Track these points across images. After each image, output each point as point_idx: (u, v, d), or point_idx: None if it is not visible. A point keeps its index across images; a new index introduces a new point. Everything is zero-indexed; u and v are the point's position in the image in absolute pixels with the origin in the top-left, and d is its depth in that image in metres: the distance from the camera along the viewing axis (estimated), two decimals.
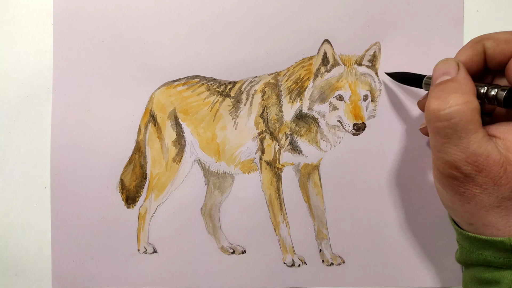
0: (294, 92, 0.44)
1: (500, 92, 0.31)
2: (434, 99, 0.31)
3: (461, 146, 0.30)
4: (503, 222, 0.30)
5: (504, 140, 0.31)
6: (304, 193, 0.45)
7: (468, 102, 0.30)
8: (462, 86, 0.31)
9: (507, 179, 0.30)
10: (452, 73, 0.32)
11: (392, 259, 0.44)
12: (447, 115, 0.30)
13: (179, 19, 0.44)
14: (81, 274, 0.45)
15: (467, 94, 0.30)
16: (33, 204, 0.46)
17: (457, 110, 0.30)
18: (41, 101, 0.45)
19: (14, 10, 0.45)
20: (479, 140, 0.30)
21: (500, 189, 0.30)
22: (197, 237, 0.45)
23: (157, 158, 0.46)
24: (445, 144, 0.31)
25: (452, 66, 0.33)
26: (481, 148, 0.30)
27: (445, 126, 0.30)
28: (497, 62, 0.33)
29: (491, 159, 0.29)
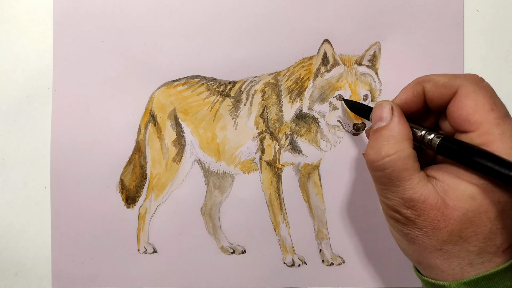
0: (294, 92, 0.44)
1: (435, 139, 0.32)
2: (369, 149, 0.32)
3: (398, 193, 0.31)
4: (446, 264, 0.31)
5: (442, 182, 0.31)
6: (304, 193, 0.45)
7: (399, 151, 0.31)
8: (394, 134, 0.32)
9: (444, 223, 0.30)
10: (386, 119, 0.33)
11: (392, 259, 0.44)
12: (380, 166, 0.31)
13: (179, 19, 0.44)
14: (81, 274, 0.45)
15: (399, 142, 0.31)
16: (33, 204, 0.46)
17: (389, 161, 0.31)
18: (41, 101, 0.45)
19: (14, 10, 0.45)
20: (414, 186, 0.30)
21: (439, 232, 0.30)
22: (197, 237, 0.45)
23: (157, 158, 0.46)
24: (384, 190, 0.32)
25: (386, 111, 0.33)
26: (417, 193, 0.30)
27: (381, 176, 0.32)
28: (437, 104, 0.33)
29: (427, 204, 0.30)
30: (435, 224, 0.30)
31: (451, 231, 0.30)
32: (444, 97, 0.32)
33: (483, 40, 0.44)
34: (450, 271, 0.31)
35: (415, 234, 0.31)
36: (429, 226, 0.30)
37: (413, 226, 0.31)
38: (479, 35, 0.44)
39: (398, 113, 0.33)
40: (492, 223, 0.29)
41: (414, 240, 0.31)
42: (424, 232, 0.31)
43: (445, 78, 0.33)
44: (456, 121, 0.31)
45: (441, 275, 0.31)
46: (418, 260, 0.33)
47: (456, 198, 0.30)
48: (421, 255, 0.32)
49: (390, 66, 0.44)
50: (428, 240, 0.31)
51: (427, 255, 0.31)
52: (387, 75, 0.44)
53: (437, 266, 0.31)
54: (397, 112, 0.33)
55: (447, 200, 0.30)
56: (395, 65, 0.44)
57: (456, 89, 0.32)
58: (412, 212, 0.31)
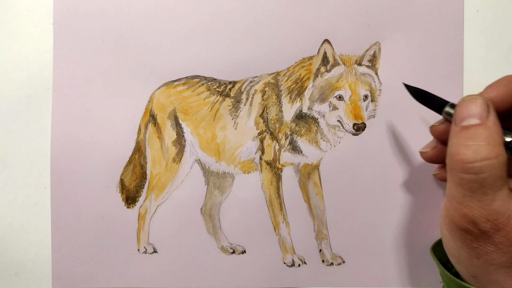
0: (294, 92, 0.44)
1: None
2: (463, 148, 0.28)
3: (484, 202, 0.28)
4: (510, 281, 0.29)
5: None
6: (304, 193, 0.45)
7: (499, 156, 0.27)
8: (493, 135, 0.28)
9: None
10: (481, 116, 0.29)
11: (392, 259, 0.44)
12: (476, 168, 0.28)
13: (179, 19, 0.44)
14: (81, 274, 0.45)
15: (498, 145, 0.28)
16: (33, 204, 0.46)
17: (488, 165, 0.27)
18: (41, 101, 0.45)
19: (14, 10, 0.45)
20: (503, 197, 0.28)
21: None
22: (197, 237, 0.45)
23: (157, 158, 0.46)
24: (467, 197, 0.28)
25: (482, 108, 0.29)
26: (505, 206, 0.28)
27: (471, 180, 0.28)
28: None
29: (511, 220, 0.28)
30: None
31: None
32: None
33: (483, 40, 0.44)
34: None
35: (485, 249, 0.29)
36: (506, 243, 0.28)
37: (486, 241, 0.29)
38: (479, 35, 0.44)
39: (494, 112, 0.29)
40: None
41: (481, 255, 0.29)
42: (498, 248, 0.28)
43: None
44: None
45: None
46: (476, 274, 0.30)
47: None
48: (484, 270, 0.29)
49: (390, 66, 0.44)
50: (498, 257, 0.29)
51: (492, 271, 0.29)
52: (387, 75, 0.44)
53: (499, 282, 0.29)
54: (494, 111, 0.29)
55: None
56: (395, 65, 0.44)
57: None
58: (492, 226, 0.28)
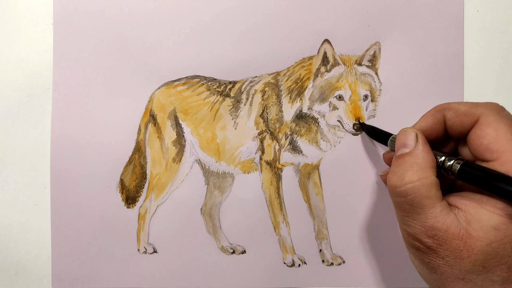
0: (294, 92, 0.44)
1: (455, 165, 0.31)
2: (392, 175, 0.32)
3: (419, 221, 0.30)
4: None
5: (465, 212, 0.30)
6: (304, 193, 0.45)
7: (423, 179, 0.30)
8: (418, 161, 0.31)
9: (467, 253, 0.29)
10: (410, 146, 0.33)
11: (392, 259, 0.44)
12: (402, 192, 0.31)
13: (179, 19, 0.44)
14: (81, 274, 0.45)
15: (422, 169, 0.31)
16: (33, 204, 0.46)
17: (412, 188, 0.30)
18: (41, 101, 0.45)
19: (14, 10, 0.45)
20: (436, 214, 0.30)
21: (462, 262, 0.29)
22: (197, 237, 0.45)
23: (157, 158, 0.46)
24: (405, 217, 0.32)
25: (411, 138, 0.33)
26: (439, 222, 0.30)
27: (402, 202, 0.31)
28: (457, 132, 0.33)
29: (450, 233, 0.29)
30: (457, 254, 0.29)
31: (474, 261, 0.29)
32: (465, 125, 0.32)
33: (483, 40, 0.44)
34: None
35: (437, 263, 0.31)
36: (451, 255, 0.30)
37: (434, 256, 0.30)
38: (479, 35, 0.44)
39: (423, 140, 0.33)
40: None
41: (435, 269, 0.31)
42: (446, 262, 0.30)
43: (465, 106, 0.33)
44: (477, 149, 0.31)
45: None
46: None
47: (480, 228, 0.29)
48: (443, 284, 0.31)
49: (390, 66, 0.44)
50: (450, 270, 0.30)
51: (449, 284, 0.30)
52: (387, 75, 0.44)
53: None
54: (422, 139, 0.33)
55: (470, 230, 0.29)
56: (395, 65, 0.44)
57: (477, 118, 0.32)
58: (434, 241, 0.30)
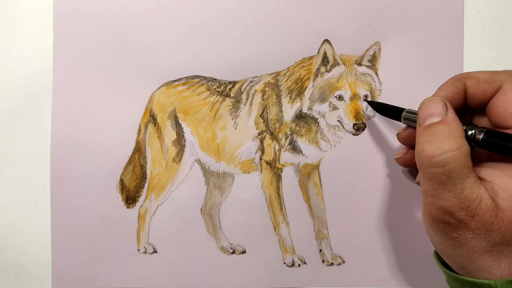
0: (294, 92, 0.44)
1: (478, 133, 0.31)
2: (427, 144, 0.31)
3: (455, 192, 0.30)
4: (495, 265, 0.30)
5: (491, 183, 0.30)
6: (304, 193, 0.45)
7: (462, 147, 0.30)
8: (453, 129, 0.31)
9: (498, 224, 0.29)
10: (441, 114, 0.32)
11: (392, 259, 0.44)
12: (442, 161, 0.30)
13: (179, 19, 0.44)
14: (81, 274, 0.45)
15: (459, 138, 0.30)
16: (33, 204, 0.46)
17: (452, 156, 0.29)
18: (41, 101, 0.45)
19: (14, 10, 0.45)
20: (472, 185, 0.29)
21: (491, 234, 0.29)
22: (197, 237, 0.45)
23: (157, 158, 0.46)
24: (439, 189, 0.30)
25: (440, 107, 0.32)
26: (474, 193, 0.29)
27: (439, 172, 0.30)
28: (478, 101, 0.33)
29: (483, 204, 0.29)
30: (488, 226, 0.29)
31: (504, 232, 0.29)
32: (487, 92, 0.32)
33: (483, 40, 0.44)
34: (499, 272, 0.30)
35: (465, 237, 0.30)
36: (482, 228, 0.29)
37: (464, 229, 0.30)
38: (479, 35, 0.44)
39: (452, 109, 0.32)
40: None
41: (462, 244, 0.30)
42: (476, 235, 0.30)
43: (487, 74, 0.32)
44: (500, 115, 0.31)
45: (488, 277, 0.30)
46: (463, 265, 0.32)
47: (508, 198, 0.29)
48: (468, 259, 0.31)
49: (390, 66, 0.44)
50: (478, 243, 0.30)
51: (476, 259, 0.30)
52: (387, 75, 0.44)
53: (485, 268, 0.30)
54: (451, 107, 0.32)
55: (498, 201, 0.29)
56: (395, 65, 0.44)
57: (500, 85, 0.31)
58: (466, 213, 0.29)
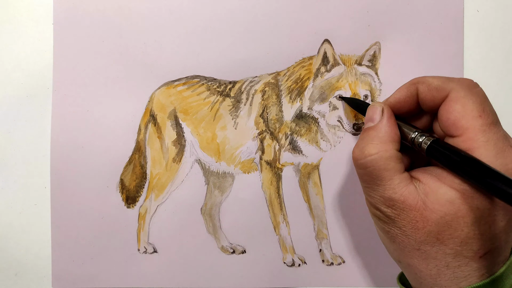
0: (294, 92, 0.44)
1: (425, 141, 0.32)
2: (355, 147, 0.34)
3: (378, 191, 0.32)
4: (423, 265, 0.31)
5: (424, 184, 0.31)
6: (304, 193, 0.45)
7: (381, 152, 0.32)
8: (379, 135, 0.33)
9: (423, 223, 0.30)
10: (375, 120, 0.34)
11: (392, 259, 0.44)
12: (362, 164, 0.32)
13: (179, 19, 0.44)
14: (81, 274, 0.45)
15: (383, 143, 0.32)
16: (33, 204, 0.46)
17: (370, 160, 0.32)
18: (41, 101, 0.45)
19: (14, 10, 0.45)
20: (394, 186, 0.31)
21: (417, 232, 0.31)
22: (197, 237, 0.45)
23: (157, 158, 0.46)
24: (366, 188, 0.33)
25: (377, 112, 0.34)
26: (397, 193, 0.31)
27: (363, 173, 0.33)
28: (428, 107, 0.34)
29: (407, 204, 0.30)
30: (413, 224, 0.31)
31: (428, 232, 0.30)
32: (436, 99, 0.33)
33: (483, 40, 0.44)
34: (428, 272, 0.31)
35: (395, 232, 0.32)
36: (408, 225, 0.31)
37: (393, 225, 0.32)
38: (479, 35, 0.44)
39: (388, 114, 0.34)
40: (469, 228, 0.29)
41: (394, 238, 0.32)
42: (403, 231, 0.31)
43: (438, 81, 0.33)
44: (444, 124, 0.32)
45: (419, 274, 0.32)
46: (398, 259, 0.33)
47: (436, 201, 0.30)
48: (401, 254, 0.32)
49: (390, 66, 0.44)
50: (407, 240, 0.31)
51: (406, 254, 0.32)
52: (387, 75, 0.44)
53: (415, 266, 0.32)
54: (387, 113, 0.34)
55: (427, 202, 0.30)
56: (395, 65, 0.44)
57: (447, 93, 0.32)
58: (392, 211, 0.31)
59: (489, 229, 0.30)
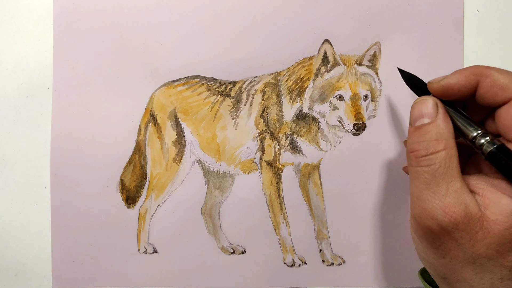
0: (294, 92, 0.44)
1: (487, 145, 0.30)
2: (416, 144, 0.31)
3: (439, 194, 0.29)
4: (477, 279, 0.29)
5: (482, 197, 0.29)
6: (304, 193, 0.45)
7: (447, 149, 0.30)
8: (441, 131, 0.31)
9: (483, 235, 0.28)
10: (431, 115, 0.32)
11: (392, 259, 0.44)
12: (427, 160, 0.30)
13: (179, 19, 0.44)
14: (81, 274, 0.45)
15: (447, 139, 0.30)
16: (33, 204, 0.46)
17: (437, 156, 0.30)
18: (41, 101, 0.45)
19: (14, 10, 0.45)
20: (457, 189, 0.29)
21: (476, 245, 0.29)
22: (197, 237, 0.45)
23: (157, 158, 0.46)
24: (424, 190, 0.30)
25: (431, 107, 0.32)
26: (459, 198, 0.29)
27: (424, 171, 0.30)
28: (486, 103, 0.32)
29: (468, 212, 0.29)
30: (472, 236, 0.29)
31: (488, 244, 0.28)
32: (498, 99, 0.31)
33: (483, 40, 0.44)
34: (480, 286, 0.29)
35: (448, 246, 0.30)
36: (466, 237, 0.29)
37: (447, 237, 0.29)
38: (479, 35, 0.44)
39: (443, 109, 0.32)
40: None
41: (445, 253, 0.30)
42: (460, 244, 0.29)
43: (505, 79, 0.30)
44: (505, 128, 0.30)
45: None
46: (445, 275, 0.31)
47: (499, 212, 0.28)
48: (451, 269, 0.30)
49: (390, 66, 0.44)
50: (461, 253, 0.29)
51: (458, 269, 0.30)
52: (387, 75, 0.44)
53: (467, 281, 0.30)
54: (442, 108, 0.32)
55: (488, 214, 0.28)
56: (395, 65, 0.44)
57: None
58: (450, 219, 0.29)
59: None
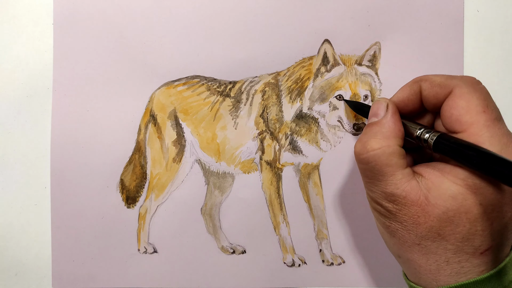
0: (294, 92, 0.44)
1: (432, 137, 0.32)
2: (357, 142, 0.33)
3: (380, 187, 0.32)
4: (423, 260, 0.31)
5: (426, 179, 0.31)
6: (304, 193, 0.45)
7: (384, 147, 0.32)
8: (383, 130, 0.33)
9: (424, 219, 0.30)
10: (380, 115, 0.34)
11: (392, 259, 0.44)
12: (364, 159, 0.32)
13: (179, 19, 0.44)
14: (81, 274, 0.45)
15: (386, 138, 0.32)
16: (33, 204, 0.46)
17: (373, 155, 0.32)
18: (41, 101, 0.45)
19: (14, 10, 0.45)
20: (396, 182, 0.31)
21: (418, 227, 0.31)
22: (197, 237, 0.45)
23: (157, 158, 0.46)
24: (368, 183, 0.33)
25: (381, 108, 0.34)
26: (399, 189, 0.31)
27: (365, 168, 0.33)
28: (431, 104, 0.34)
29: (408, 199, 0.31)
30: (415, 219, 0.31)
31: (430, 227, 0.30)
32: (439, 96, 0.33)
33: (483, 40, 0.44)
34: (427, 267, 0.31)
35: (396, 227, 0.32)
36: (409, 220, 0.31)
37: (394, 219, 0.32)
38: (479, 35, 0.44)
39: (392, 110, 0.34)
40: (471, 224, 0.30)
41: (394, 233, 0.32)
42: (404, 226, 0.31)
43: (441, 78, 0.33)
44: (447, 120, 0.32)
45: (419, 270, 0.32)
46: (398, 253, 0.33)
47: (438, 196, 0.30)
48: (400, 249, 0.32)
49: (390, 66, 0.44)
50: (407, 234, 0.31)
51: (406, 249, 0.32)
52: (387, 75, 0.44)
53: (415, 261, 0.32)
54: (391, 109, 0.34)
55: (429, 197, 0.30)
56: (395, 65, 0.44)
57: (451, 89, 0.32)
58: (393, 206, 0.31)
59: (491, 226, 0.30)
